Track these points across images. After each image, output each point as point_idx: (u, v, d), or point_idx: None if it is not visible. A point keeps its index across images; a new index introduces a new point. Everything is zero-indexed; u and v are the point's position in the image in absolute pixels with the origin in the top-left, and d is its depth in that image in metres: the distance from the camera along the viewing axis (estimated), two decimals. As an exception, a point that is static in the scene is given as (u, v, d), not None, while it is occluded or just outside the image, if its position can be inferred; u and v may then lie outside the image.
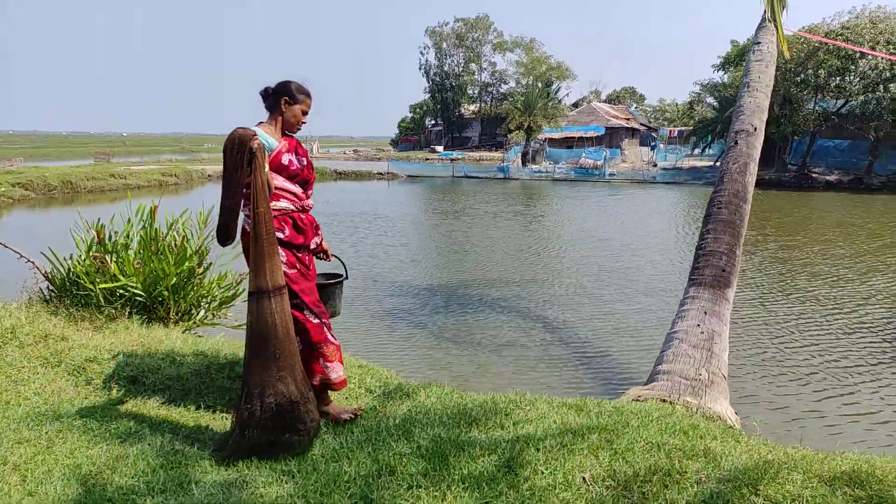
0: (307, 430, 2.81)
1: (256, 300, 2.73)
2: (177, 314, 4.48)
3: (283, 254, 2.91)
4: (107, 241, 4.49)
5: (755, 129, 5.62)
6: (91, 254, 4.41)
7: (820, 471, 2.57)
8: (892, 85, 25.80)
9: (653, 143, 45.54)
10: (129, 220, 4.61)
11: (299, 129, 3.08)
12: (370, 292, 9.68)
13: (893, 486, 2.35)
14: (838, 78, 27.70)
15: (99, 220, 4.62)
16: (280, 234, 2.88)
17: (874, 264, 12.05)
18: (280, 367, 2.73)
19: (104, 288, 4.26)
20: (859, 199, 24.52)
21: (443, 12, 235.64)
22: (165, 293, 4.36)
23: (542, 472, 2.63)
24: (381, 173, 34.02)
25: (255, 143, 2.71)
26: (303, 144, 3.17)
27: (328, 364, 3.04)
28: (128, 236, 4.57)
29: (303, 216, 3.05)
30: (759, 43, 6.07)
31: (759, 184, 28.06)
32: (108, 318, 4.17)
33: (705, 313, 4.82)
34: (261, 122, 2.99)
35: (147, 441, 2.83)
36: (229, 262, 4.65)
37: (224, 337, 4.44)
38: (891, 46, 25.66)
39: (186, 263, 4.50)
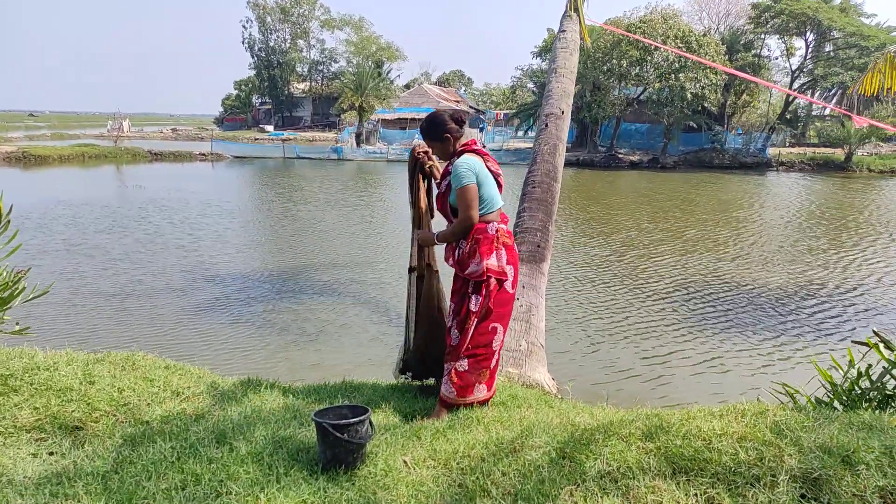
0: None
1: None
2: (-69, 323, 3.74)
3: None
4: None
5: (563, 112, 5.99)
6: None
7: (618, 429, 2.78)
8: (681, 75, 29.26)
9: (481, 126, 47.39)
10: None
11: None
12: (194, 284, 8.98)
13: (677, 435, 2.61)
14: (638, 67, 30.82)
15: None
16: None
17: (668, 239, 13.66)
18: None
19: None
20: (656, 177, 27.65)
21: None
22: (-87, 299, 3.62)
23: (364, 462, 2.58)
24: (203, 154, 31.70)
25: None
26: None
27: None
28: None
29: None
30: (564, 31, 6.46)
31: (575, 164, 30.40)
32: None
33: (523, 287, 5.07)
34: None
35: None
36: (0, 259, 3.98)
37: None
38: (678, 41, 29.04)
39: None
